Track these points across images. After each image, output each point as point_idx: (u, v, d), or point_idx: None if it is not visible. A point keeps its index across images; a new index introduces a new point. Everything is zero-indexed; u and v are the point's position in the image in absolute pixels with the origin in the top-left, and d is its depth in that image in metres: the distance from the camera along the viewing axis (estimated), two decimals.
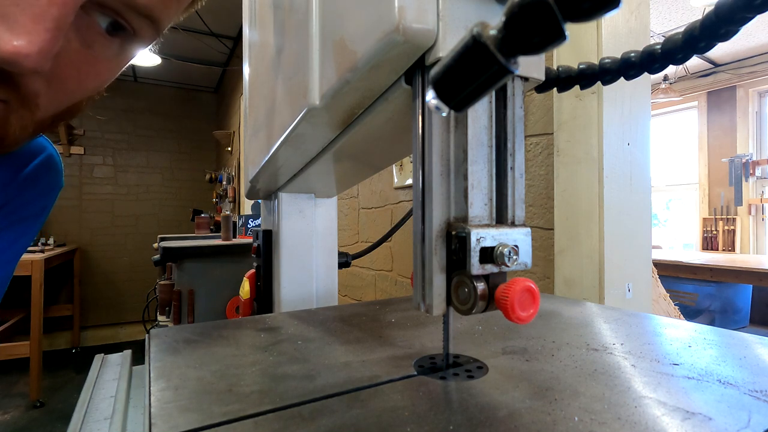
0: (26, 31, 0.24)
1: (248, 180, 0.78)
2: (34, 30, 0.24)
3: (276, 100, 0.54)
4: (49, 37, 0.25)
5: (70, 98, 0.33)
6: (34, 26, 0.24)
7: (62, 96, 0.32)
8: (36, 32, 0.24)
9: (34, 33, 0.24)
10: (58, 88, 0.31)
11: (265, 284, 0.83)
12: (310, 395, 0.35)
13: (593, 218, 0.90)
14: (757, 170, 4.62)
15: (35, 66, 0.25)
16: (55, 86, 0.30)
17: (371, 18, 0.29)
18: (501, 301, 0.29)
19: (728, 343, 0.48)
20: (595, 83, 0.37)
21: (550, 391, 0.35)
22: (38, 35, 0.24)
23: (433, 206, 0.31)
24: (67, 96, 0.32)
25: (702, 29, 0.27)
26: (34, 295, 3.17)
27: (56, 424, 2.92)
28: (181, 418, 0.31)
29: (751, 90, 4.69)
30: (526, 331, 0.53)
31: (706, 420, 0.30)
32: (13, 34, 0.24)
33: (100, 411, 0.55)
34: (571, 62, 0.38)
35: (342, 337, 0.52)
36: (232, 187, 4.14)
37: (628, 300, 0.93)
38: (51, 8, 0.25)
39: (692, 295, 3.81)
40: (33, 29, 0.24)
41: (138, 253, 5.00)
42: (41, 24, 0.24)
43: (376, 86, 0.35)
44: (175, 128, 5.35)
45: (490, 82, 0.20)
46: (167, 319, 1.64)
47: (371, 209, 1.89)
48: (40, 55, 0.25)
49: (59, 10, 0.25)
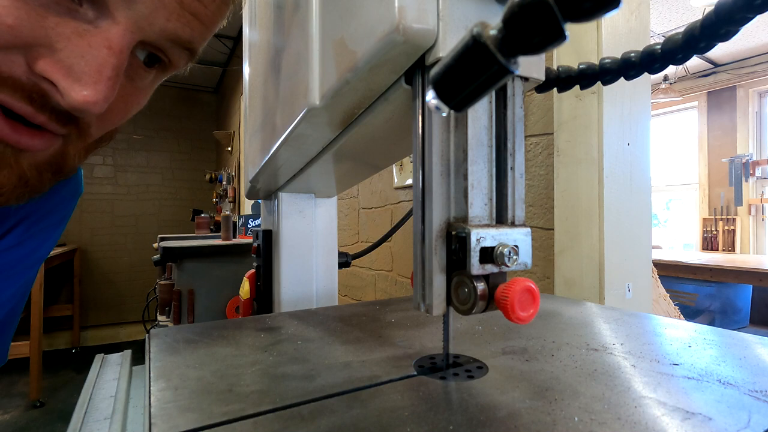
0: (93, 82, 0.27)
1: (248, 180, 0.78)
2: (99, 80, 0.27)
3: (276, 100, 0.54)
4: (111, 84, 0.28)
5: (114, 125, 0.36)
6: (98, 77, 0.27)
7: (109, 125, 0.35)
8: (100, 82, 0.28)
9: (100, 83, 0.27)
10: (107, 119, 0.34)
11: (265, 284, 0.83)
12: (310, 395, 0.35)
13: (593, 218, 0.90)
14: (757, 170, 4.62)
15: (100, 111, 0.28)
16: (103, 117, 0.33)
17: (371, 18, 0.29)
18: (501, 301, 0.29)
19: (728, 343, 0.48)
20: (595, 83, 0.37)
21: (550, 391, 0.35)
22: (102, 84, 0.28)
23: (433, 206, 0.31)
24: (113, 124, 0.36)
25: (702, 29, 0.27)
26: (34, 295, 3.17)
27: (56, 424, 2.92)
28: (181, 418, 0.31)
29: (751, 90, 4.69)
30: (526, 331, 0.53)
31: (706, 420, 0.30)
32: (82, 86, 0.27)
33: (100, 411, 0.55)
34: (571, 62, 0.38)
35: (342, 337, 0.52)
36: (232, 187, 4.14)
37: (628, 300, 0.93)
38: (110, 59, 0.28)
39: (692, 295, 3.81)
40: (98, 80, 0.27)
41: (138, 253, 5.00)
42: (104, 73, 0.28)
43: (376, 86, 0.35)
44: (175, 128, 5.35)
45: (490, 82, 0.20)
46: (167, 319, 1.64)
47: (371, 209, 1.89)
48: (105, 102, 0.28)
49: (117, 59, 0.28)
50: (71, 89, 0.27)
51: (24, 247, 0.47)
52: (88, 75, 0.27)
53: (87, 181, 4.82)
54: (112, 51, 0.28)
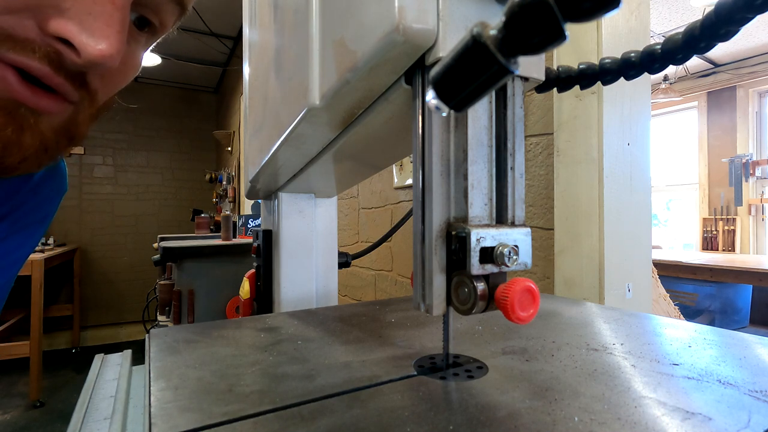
0: (105, 36, 0.28)
1: (248, 180, 0.78)
2: (111, 34, 0.28)
3: (276, 100, 0.54)
4: (121, 38, 0.29)
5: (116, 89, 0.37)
6: (109, 30, 0.28)
7: (112, 89, 0.36)
8: (112, 35, 0.28)
9: (111, 36, 0.28)
10: (109, 82, 0.35)
11: (265, 284, 0.83)
12: (310, 395, 0.35)
13: (593, 218, 0.90)
14: (757, 170, 4.62)
15: (115, 64, 0.29)
16: (106, 81, 0.34)
17: (371, 18, 0.29)
18: (501, 301, 0.29)
19: (728, 343, 0.48)
20: (595, 83, 0.37)
21: (550, 391, 0.35)
22: (113, 38, 0.28)
23: (433, 206, 0.31)
24: (116, 87, 0.36)
25: (702, 29, 0.27)
26: (34, 295, 3.17)
27: (56, 424, 2.92)
28: (181, 418, 0.31)
29: (751, 90, 4.69)
30: (526, 331, 0.53)
31: (706, 420, 0.30)
32: (96, 40, 0.28)
33: (100, 411, 0.55)
34: (571, 62, 0.38)
35: (342, 337, 0.52)
36: (232, 187, 4.14)
37: (628, 300, 0.93)
38: (116, 13, 0.29)
39: (692, 295, 3.81)
40: (109, 33, 0.28)
41: (138, 253, 5.00)
42: (114, 27, 0.29)
43: (376, 86, 0.35)
44: (175, 128, 5.35)
45: (490, 82, 0.20)
46: (167, 319, 1.64)
47: (371, 209, 1.89)
48: (119, 55, 0.29)
49: (122, 13, 0.29)
50: (87, 44, 0.28)
51: (7, 243, 0.47)
52: (100, 30, 0.28)
53: (87, 181, 4.83)
54: (116, 5, 0.29)
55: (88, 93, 0.33)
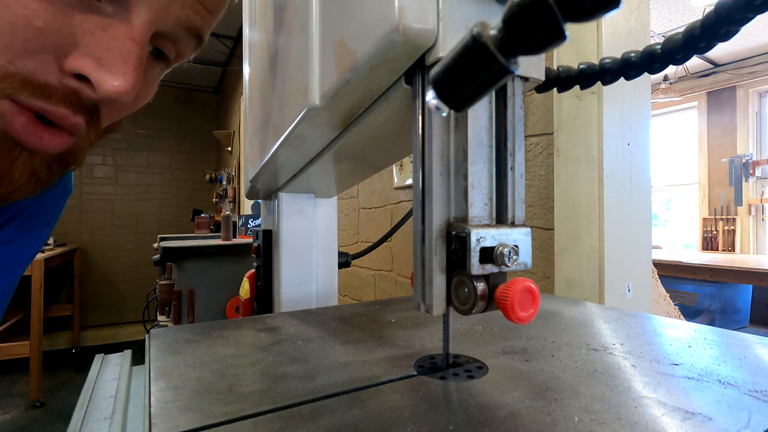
0: (122, 72, 0.29)
1: (248, 180, 0.78)
2: (127, 70, 0.29)
3: (276, 100, 0.54)
4: (138, 74, 0.30)
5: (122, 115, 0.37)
6: (126, 67, 0.29)
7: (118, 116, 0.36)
8: (128, 72, 0.29)
9: (128, 73, 0.29)
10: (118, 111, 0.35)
11: (265, 284, 0.83)
12: (310, 395, 0.35)
13: (593, 218, 0.90)
14: (757, 170, 4.62)
15: (130, 100, 0.30)
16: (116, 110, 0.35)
17: (371, 18, 0.29)
18: (501, 302, 0.29)
19: (728, 343, 0.48)
20: (595, 83, 0.37)
21: (550, 391, 0.35)
22: (130, 74, 0.29)
23: (433, 206, 0.31)
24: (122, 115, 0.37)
25: (702, 29, 0.27)
26: (34, 295, 3.17)
27: (56, 424, 2.92)
28: (181, 418, 0.31)
29: (751, 90, 4.69)
30: (526, 331, 0.53)
31: (706, 420, 0.30)
32: (113, 76, 0.28)
33: (100, 411, 0.55)
34: (571, 62, 0.38)
35: (342, 337, 0.52)
36: (232, 187, 4.14)
37: (628, 300, 0.93)
38: (135, 49, 0.29)
39: (692, 295, 3.81)
40: (126, 70, 0.29)
41: (138, 253, 5.00)
42: (131, 63, 0.29)
43: (376, 86, 0.35)
44: (175, 128, 5.34)
45: (490, 82, 0.20)
46: (167, 319, 1.64)
47: (371, 209, 1.89)
48: (134, 90, 0.30)
49: (140, 49, 0.30)
50: (103, 80, 0.28)
51: (13, 245, 0.47)
52: (117, 66, 0.28)
53: (87, 181, 4.83)
54: (135, 42, 0.29)
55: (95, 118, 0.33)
